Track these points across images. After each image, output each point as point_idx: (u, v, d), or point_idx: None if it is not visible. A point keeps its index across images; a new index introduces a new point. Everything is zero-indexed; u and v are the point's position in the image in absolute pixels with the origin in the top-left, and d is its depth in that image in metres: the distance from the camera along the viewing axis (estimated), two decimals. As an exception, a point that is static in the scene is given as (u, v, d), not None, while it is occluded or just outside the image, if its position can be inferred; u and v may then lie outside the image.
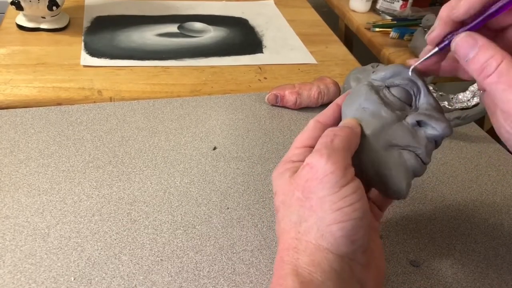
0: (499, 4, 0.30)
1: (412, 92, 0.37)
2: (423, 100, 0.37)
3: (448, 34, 0.33)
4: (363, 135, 0.35)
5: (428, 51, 0.35)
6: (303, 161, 0.34)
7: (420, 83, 0.37)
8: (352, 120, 0.36)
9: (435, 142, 0.36)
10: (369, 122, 0.35)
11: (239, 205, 0.48)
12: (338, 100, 0.38)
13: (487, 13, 0.30)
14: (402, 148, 0.35)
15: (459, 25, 0.32)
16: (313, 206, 0.31)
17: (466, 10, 0.31)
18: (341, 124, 0.36)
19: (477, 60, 0.30)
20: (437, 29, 0.33)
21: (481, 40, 0.30)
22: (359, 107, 0.36)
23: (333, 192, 0.31)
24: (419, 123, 0.35)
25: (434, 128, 0.35)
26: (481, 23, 0.31)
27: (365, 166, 0.35)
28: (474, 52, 0.30)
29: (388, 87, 0.37)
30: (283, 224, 0.33)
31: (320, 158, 0.31)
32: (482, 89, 0.31)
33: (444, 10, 0.32)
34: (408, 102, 0.37)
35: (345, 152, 0.32)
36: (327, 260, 0.30)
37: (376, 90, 0.37)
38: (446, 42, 0.33)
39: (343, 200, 0.30)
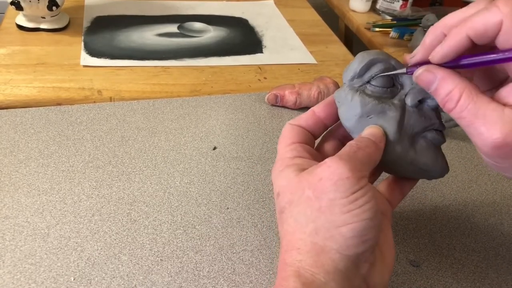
0: (472, 60, 0.30)
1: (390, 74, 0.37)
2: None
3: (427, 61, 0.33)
4: (387, 142, 0.35)
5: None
6: (299, 156, 0.34)
7: (392, 61, 0.37)
8: (377, 129, 0.35)
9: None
10: (386, 129, 0.36)
11: (239, 205, 0.48)
12: (314, 108, 0.38)
13: (459, 63, 0.31)
14: (422, 132, 0.36)
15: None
16: (322, 207, 0.31)
17: (441, 58, 0.31)
18: (365, 133, 0.35)
19: (438, 94, 0.31)
20: (418, 55, 0.33)
21: (440, 73, 0.30)
22: (362, 117, 0.36)
23: (345, 196, 0.30)
24: (419, 101, 0.36)
25: (433, 99, 0.35)
26: (469, 67, 0.31)
27: (402, 168, 0.36)
28: (434, 86, 0.31)
29: (368, 82, 0.37)
30: (286, 226, 0.33)
31: (339, 161, 0.31)
32: None
33: (428, 37, 0.32)
34: (391, 85, 0.37)
35: (364, 165, 0.32)
36: (332, 261, 0.30)
37: (364, 92, 0.36)
38: (415, 68, 0.33)
39: (354, 203, 0.30)
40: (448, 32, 0.31)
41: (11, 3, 0.76)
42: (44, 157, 0.51)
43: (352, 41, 1.26)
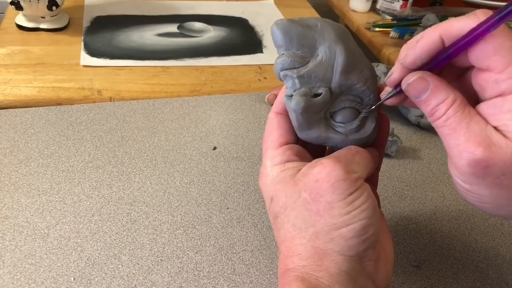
0: (449, 50, 0.29)
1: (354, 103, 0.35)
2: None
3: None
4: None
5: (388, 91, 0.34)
6: (289, 161, 0.33)
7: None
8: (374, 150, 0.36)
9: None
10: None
11: (239, 205, 0.48)
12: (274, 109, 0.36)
13: (439, 59, 0.30)
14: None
15: (417, 69, 0.31)
16: (320, 210, 0.30)
17: (413, 60, 0.30)
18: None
19: (428, 102, 0.29)
20: (396, 73, 0.32)
21: (433, 82, 0.29)
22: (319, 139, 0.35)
23: (342, 198, 0.30)
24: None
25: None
26: (437, 67, 0.30)
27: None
28: (425, 95, 0.29)
29: (331, 116, 0.35)
30: (284, 231, 0.32)
31: (336, 163, 0.31)
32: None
33: (403, 52, 0.31)
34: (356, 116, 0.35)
35: (361, 168, 0.32)
36: (336, 263, 0.30)
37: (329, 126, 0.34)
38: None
39: (351, 204, 0.30)
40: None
41: (11, 3, 0.76)
42: (44, 157, 0.51)
43: (352, 41, 1.25)
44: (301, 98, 0.32)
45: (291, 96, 0.33)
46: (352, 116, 0.35)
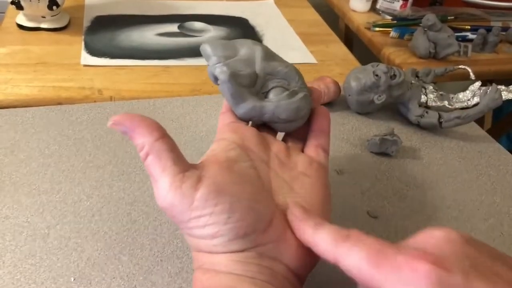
0: None
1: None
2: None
3: None
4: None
5: None
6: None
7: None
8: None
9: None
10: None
11: (239, 205, 0.48)
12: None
13: None
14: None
15: None
16: (187, 233, 0.31)
17: None
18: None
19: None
20: None
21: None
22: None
23: (186, 210, 0.29)
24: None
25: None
26: None
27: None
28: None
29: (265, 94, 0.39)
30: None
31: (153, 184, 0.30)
32: None
33: None
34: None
35: (166, 162, 0.30)
36: (226, 259, 0.30)
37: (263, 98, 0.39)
38: None
39: (207, 217, 0.29)
40: None
41: (12, 3, 0.76)
42: (45, 157, 0.51)
43: (352, 40, 1.26)
44: (225, 67, 0.37)
45: None
46: (283, 93, 0.39)
